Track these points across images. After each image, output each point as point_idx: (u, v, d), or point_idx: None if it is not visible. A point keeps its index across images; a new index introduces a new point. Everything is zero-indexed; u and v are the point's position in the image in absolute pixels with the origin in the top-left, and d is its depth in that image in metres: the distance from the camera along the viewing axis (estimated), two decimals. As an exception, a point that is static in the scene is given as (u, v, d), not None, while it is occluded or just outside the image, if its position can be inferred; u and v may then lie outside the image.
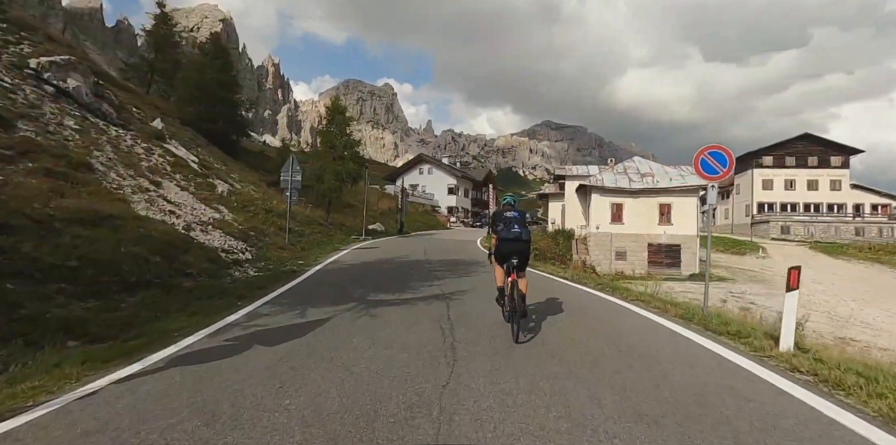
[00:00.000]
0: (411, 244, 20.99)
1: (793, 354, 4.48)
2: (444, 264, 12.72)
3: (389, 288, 8.32)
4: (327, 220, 23.64)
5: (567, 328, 5.65)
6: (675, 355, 4.57)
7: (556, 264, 24.11)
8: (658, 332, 5.64)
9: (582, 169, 33.96)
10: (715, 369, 4.14)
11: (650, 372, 3.96)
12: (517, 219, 5.23)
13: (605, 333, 5.47)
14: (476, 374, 3.78)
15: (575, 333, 5.37)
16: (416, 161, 54.80)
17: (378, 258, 14.05)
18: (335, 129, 23.56)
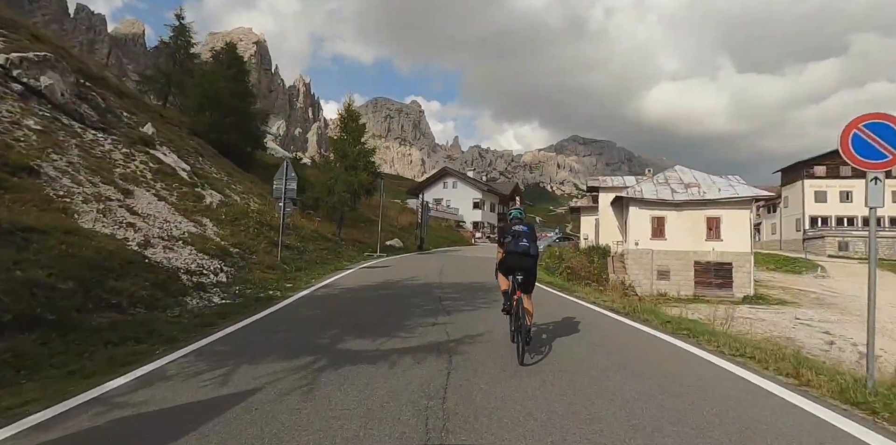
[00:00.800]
0: (428, 263, 18.70)
1: None
2: (459, 290, 10.35)
3: (375, 329, 6.01)
4: (338, 235, 21.63)
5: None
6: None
7: (593, 286, 21.42)
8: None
9: (617, 180, 31.21)
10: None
11: None
12: (526, 233, 4.98)
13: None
14: None
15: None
16: (440, 175, 52.84)
17: (382, 281, 11.79)
18: (348, 137, 21.71)
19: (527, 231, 5.02)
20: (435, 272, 14.39)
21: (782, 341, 16.85)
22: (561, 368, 4.41)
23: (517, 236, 4.97)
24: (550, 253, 26.04)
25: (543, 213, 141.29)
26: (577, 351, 5.17)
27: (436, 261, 19.45)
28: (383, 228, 31.26)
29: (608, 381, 4.05)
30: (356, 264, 16.69)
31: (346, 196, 20.49)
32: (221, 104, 25.89)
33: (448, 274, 13.98)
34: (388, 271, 14.86)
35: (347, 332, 5.81)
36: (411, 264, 17.69)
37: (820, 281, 31.86)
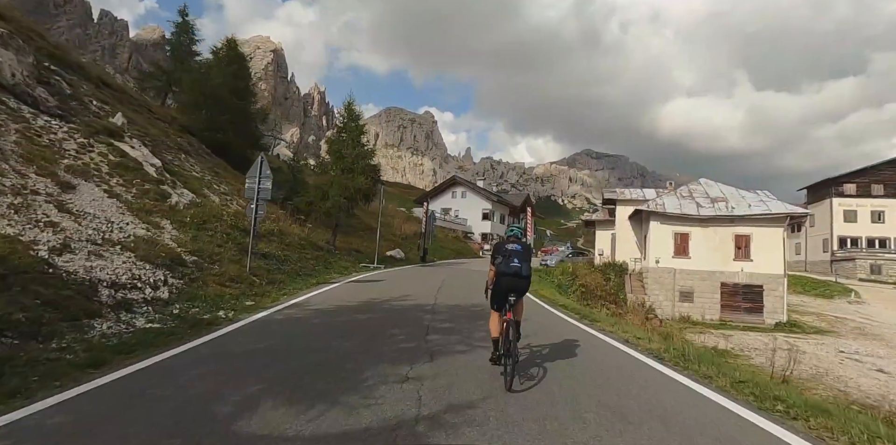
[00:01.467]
0: (428, 277, 16.73)
1: None
2: (455, 317, 8.36)
3: (316, 387, 4.04)
4: (332, 244, 19.78)
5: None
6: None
7: (611, 309, 19.27)
8: None
9: (636, 192, 29.09)
10: None
11: None
12: (519, 252, 4.71)
13: None
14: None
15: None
16: (449, 183, 51.00)
17: (365, 301, 9.83)
18: (346, 137, 19.98)
19: (520, 250, 4.74)
20: (432, 290, 12.41)
21: (832, 380, 14.61)
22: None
23: (509, 256, 4.68)
24: (563, 270, 23.93)
25: (555, 226, 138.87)
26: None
27: (437, 275, 17.47)
28: (385, 237, 29.40)
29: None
30: (346, 277, 14.79)
31: (342, 201, 18.66)
32: (218, 102, 24.38)
33: (447, 293, 12.00)
34: (379, 286, 12.92)
35: (271, 392, 3.85)
36: (408, 279, 15.74)
37: (855, 307, 29.27)
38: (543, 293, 15.07)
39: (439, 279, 15.58)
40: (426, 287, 13.07)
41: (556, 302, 12.85)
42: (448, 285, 14.11)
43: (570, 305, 12.49)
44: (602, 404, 3.98)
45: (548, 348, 6.27)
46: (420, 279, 16.12)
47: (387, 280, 14.58)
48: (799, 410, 4.09)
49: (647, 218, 25.30)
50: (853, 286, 34.84)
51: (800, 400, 4.45)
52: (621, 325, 8.93)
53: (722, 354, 16.29)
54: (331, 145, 20.08)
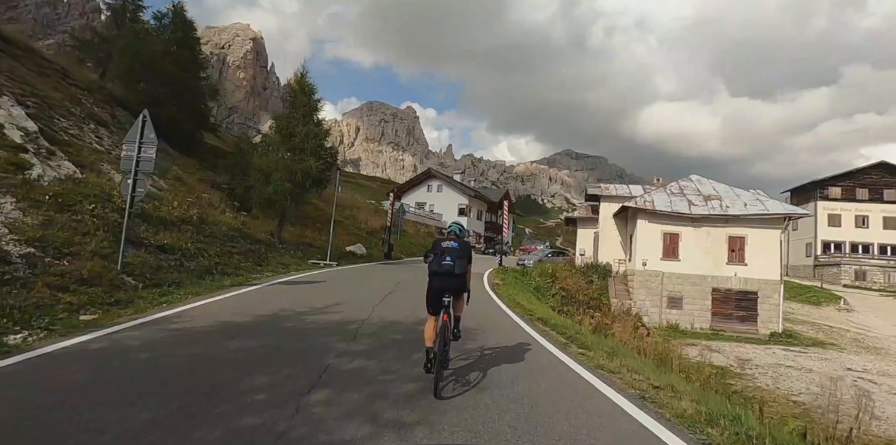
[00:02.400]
0: (381, 278, 14.03)
1: None
2: (385, 345, 5.68)
3: None
4: (277, 236, 16.89)
5: None
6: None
7: (596, 316, 16.88)
8: None
9: (622, 189, 26.82)
10: None
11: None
12: (454, 250, 4.31)
13: None
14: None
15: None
16: (424, 177, 48.19)
17: (269, 313, 7.08)
18: (295, 113, 17.09)
19: (456, 248, 4.34)
20: (376, 296, 9.74)
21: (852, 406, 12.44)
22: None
23: (441, 254, 4.29)
24: (542, 271, 21.49)
25: (534, 225, 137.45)
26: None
27: (394, 275, 14.78)
28: (348, 231, 26.53)
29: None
30: (280, 277, 12.01)
31: (287, 187, 15.77)
32: (158, 72, 21.19)
33: (394, 301, 9.34)
34: (310, 290, 10.17)
35: None
36: (356, 280, 13.01)
37: (845, 316, 27.65)
38: (520, 301, 12.52)
39: (394, 281, 12.89)
40: (371, 292, 10.37)
41: (532, 314, 10.30)
42: (402, 289, 11.44)
43: (551, 319, 9.92)
44: None
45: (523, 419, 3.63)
46: (371, 280, 13.40)
47: (327, 282, 11.82)
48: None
49: (633, 216, 23.03)
50: (839, 292, 33.38)
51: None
52: (621, 357, 6.37)
53: (723, 374, 14.03)
54: (278, 122, 17.13)
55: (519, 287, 17.29)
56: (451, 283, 4.30)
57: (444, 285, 4.29)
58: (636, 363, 6.29)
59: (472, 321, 7.78)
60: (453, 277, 4.28)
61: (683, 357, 13.50)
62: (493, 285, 16.07)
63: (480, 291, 13.68)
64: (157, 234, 10.38)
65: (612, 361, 5.98)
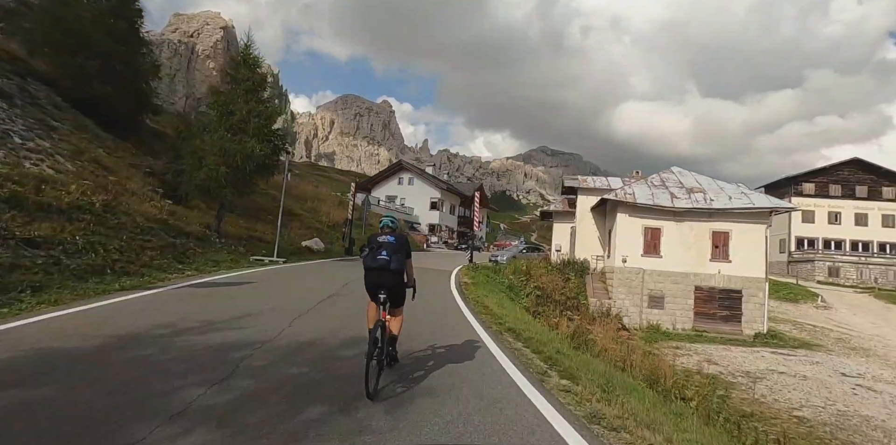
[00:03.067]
0: (328, 278, 11.99)
1: None
2: (288, 383, 3.68)
3: None
4: (215, 228, 14.65)
5: None
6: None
7: (574, 318, 15.27)
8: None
9: (600, 181, 25.29)
10: None
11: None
12: (390, 244, 4.02)
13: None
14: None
15: None
16: (395, 168, 45.94)
17: (148, 328, 5.04)
18: (237, 89, 14.84)
19: (392, 243, 4.04)
20: (309, 303, 7.75)
21: (867, 427, 11.04)
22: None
23: (376, 249, 3.99)
24: (516, 268, 19.77)
25: (509, 220, 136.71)
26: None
27: (345, 274, 12.75)
28: (308, 224, 24.30)
29: None
30: (202, 277, 9.88)
31: (223, 172, 13.53)
32: (85, 43, 18.51)
33: (329, 309, 7.37)
34: (225, 295, 8.09)
35: None
36: (295, 281, 10.94)
37: (824, 313, 26.89)
38: (488, 304, 10.68)
39: (342, 282, 10.88)
40: (304, 297, 8.37)
41: (502, 322, 8.47)
42: (349, 291, 9.46)
43: (524, 329, 8.08)
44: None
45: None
46: (315, 280, 11.35)
47: (257, 283, 9.73)
48: None
49: (613, 210, 21.51)
50: (814, 288, 32.83)
51: None
52: (619, 394, 4.55)
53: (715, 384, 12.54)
54: (215, 98, 14.82)
55: (490, 287, 15.48)
56: (385, 278, 4.01)
57: (378, 280, 4.03)
58: (642, 405, 4.48)
59: (419, 335, 5.91)
60: (389, 272, 3.99)
61: (672, 366, 11.93)
62: (462, 285, 14.22)
63: (445, 292, 11.81)
64: (28, 223, 8.12)
65: (610, 404, 4.14)
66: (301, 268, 13.73)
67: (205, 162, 13.58)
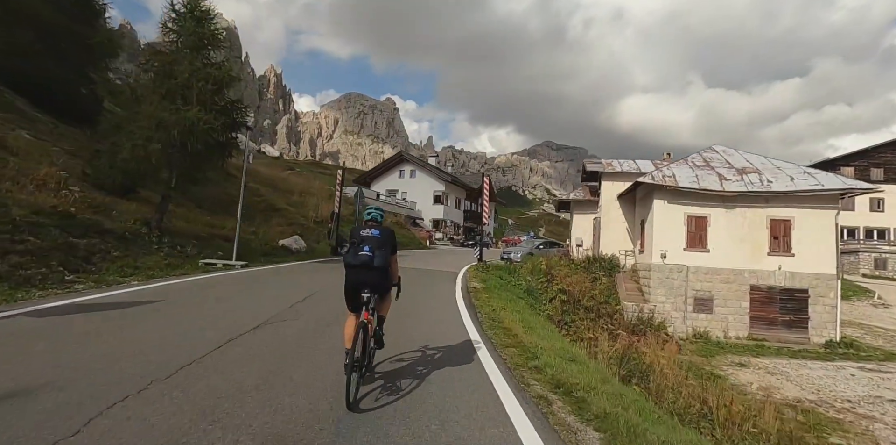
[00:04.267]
0: (285, 289, 8.58)
1: None
2: None
3: None
4: (156, 225, 11.34)
5: None
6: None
7: (617, 333, 11.91)
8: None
9: (628, 164, 21.70)
10: None
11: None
12: (374, 239, 3.62)
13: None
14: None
15: None
16: (395, 161, 42.47)
17: None
18: (181, 46, 11.48)
19: (376, 237, 3.64)
20: (204, 346, 4.32)
21: None
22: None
23: (359, 244, 3.59)
24: (534, 267, 16.37)
25: (516, 215, 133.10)
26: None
27: (313, 282, 9.40)
28: (292, 220, 20.96)
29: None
30: (98, 292, 6.58)
31: (153, 149, 10.17)
32: (25, 15, 15.47)
33: (230, 367, 3.91)
34: (82, 329, 4.69)
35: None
36: (226, 299, 7.48)
37: (884, 312, 23.21)
38: (509, 325, 7.30)
39: (302, 294, 7.54)
40: (204, 335, 4.93)
41: (538, 363, 5.09)
42: (290, 317, 6.09)
43: (564, 371, 4.62)
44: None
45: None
46: (257, 295, 7.92)
47: (167, 303, 6.37)
48: None
49: (648, 196, 17.99)
50: (861, 283, 29.13)
51: None
52: None
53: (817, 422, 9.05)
54: (149, 58, 11.46)
55: (506, 293, 12.05)
56: (369, 277, 3.57)
57: (360, 278, 3.58)
58: None
59: (395, 410, 2.48)
60: (372, 270, 3.55)
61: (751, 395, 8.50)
62: (470, 291, 10.84)
63: (447, 305, 8.45)
64: None
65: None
66: (258, 275, 10.34)
67: (132, 138, 10.23)
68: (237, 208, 18.24)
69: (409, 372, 4.17)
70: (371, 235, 3.63)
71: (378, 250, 3.55)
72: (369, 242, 3.58)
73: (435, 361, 4.67)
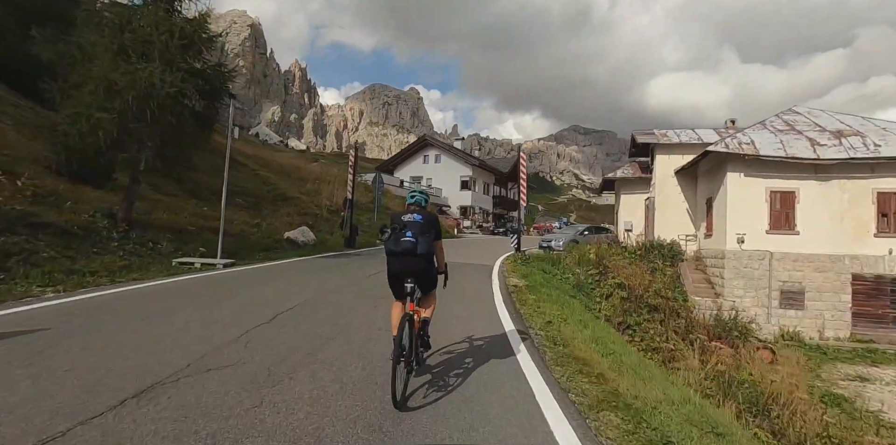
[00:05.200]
0: (260, 302, 6.04)
1: None
2: None
3: None
4: (123, 217, 9.14)
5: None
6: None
7: (719, 351, 9.12)
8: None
9: (687, 134, 18.42)
10: None
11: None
12: (417, 224, 3.30)
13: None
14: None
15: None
16: (419, 145, 39.81)
17: None
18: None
19: (419, 222, 3.31)
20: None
21: None
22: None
23: (400, 229, 3.24)
24: (580, 257, 13.64)
25: (545, 201, 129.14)
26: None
27: (299, 292, 6.96)
28: (304, 210, 18.71)
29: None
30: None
31: (99, 120, 7.88)
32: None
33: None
34: None
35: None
36: (163, 319, 4.97)
37: None
38: (583, 353, 4.65)
39: (272, 310, 5.08)
40: (78, 395, 2.46)
41: (656, 430, 2.38)
42: (241, 360, 3.58)
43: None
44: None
45: None
46: (214, 313, 5.46)
47: (54, 333, 4.01)
48: None
49: (717, 168, 14.90)
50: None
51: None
52: None
53: None
54: (99, 6, 9.17)
55: (555, 292, 9.39)
56: (412, 264, 3.26)
57: (403, 267, 3.27)
58: None
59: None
60: (416, 257, 3.23)
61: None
62: (511, 290, 8.27)
63: (485, 311, 5.99)
64: None
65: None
66: (238, 277, 7.97)
67: (76, 108, 7.96)
68: (241, 199, 16.00)
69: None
70: (413, 220, 3.32)
71: (421, 237, 3.24)
72: (412, 227, 3.26)
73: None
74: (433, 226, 3.37)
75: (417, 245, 3.18)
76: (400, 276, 3.26)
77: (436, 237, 3.41)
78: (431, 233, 3.32)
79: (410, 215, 3.35)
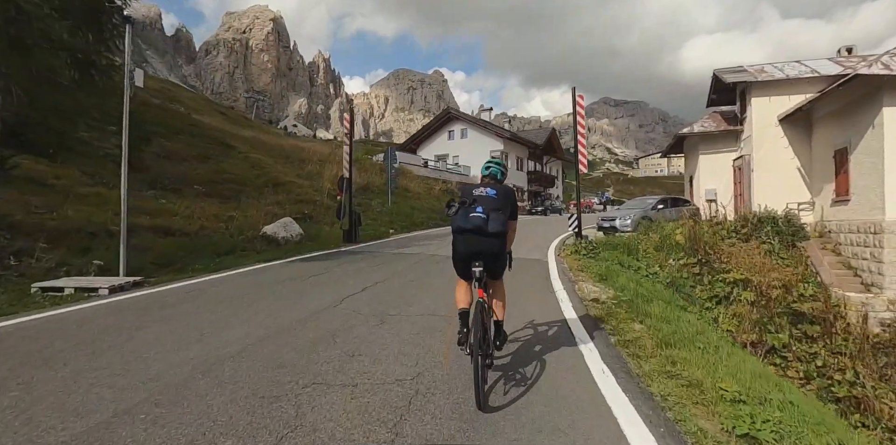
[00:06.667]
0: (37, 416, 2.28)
1: None
2: None
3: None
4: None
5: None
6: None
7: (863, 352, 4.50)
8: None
9: (794, 67, 13.48)
10: None
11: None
12: (490, 199, 2.81)
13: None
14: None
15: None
16: (442, 120, 35.45)
17: None
18: None
19: (493, 197, 2.82)
20: None
21: None
22: None
23: (471, 204, 2.76)
24: (662, 241, 9.48)
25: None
26: None
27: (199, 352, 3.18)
28: (296, 197, 15.08)
29: None
30: None
31: None
32: None
33: None
34: None
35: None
36: None
37: None
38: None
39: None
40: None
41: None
42: None
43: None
44: None
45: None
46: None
47: None
48: None
49: (857, 104, 10.20)
50: None
51: None
52: None
53: None
54: None
55: (668, 309, 5.26)
56: (482, 245, 2.73)
57: (473, 247, 2.75)
58: None
59: None
60: (486, 237, 2.71)
61: None
62: (593, 309, 4.26)
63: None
64: None
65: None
66: (91, 323, 4.29)
67: None
68: (199, 186, 12.50)
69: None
70: (486, 194, 2.84)
71: (493, 213, 2.73)
72: (483, 202, 2.76)
73: None
74: (509, 202, 2.88)
75: (488, 222, 2.69)
76: (468, 258, 2.75)
77: (511, 216, 2.89)
78: (506, 211, 2.82)
79: (483, 189, 2.87)
